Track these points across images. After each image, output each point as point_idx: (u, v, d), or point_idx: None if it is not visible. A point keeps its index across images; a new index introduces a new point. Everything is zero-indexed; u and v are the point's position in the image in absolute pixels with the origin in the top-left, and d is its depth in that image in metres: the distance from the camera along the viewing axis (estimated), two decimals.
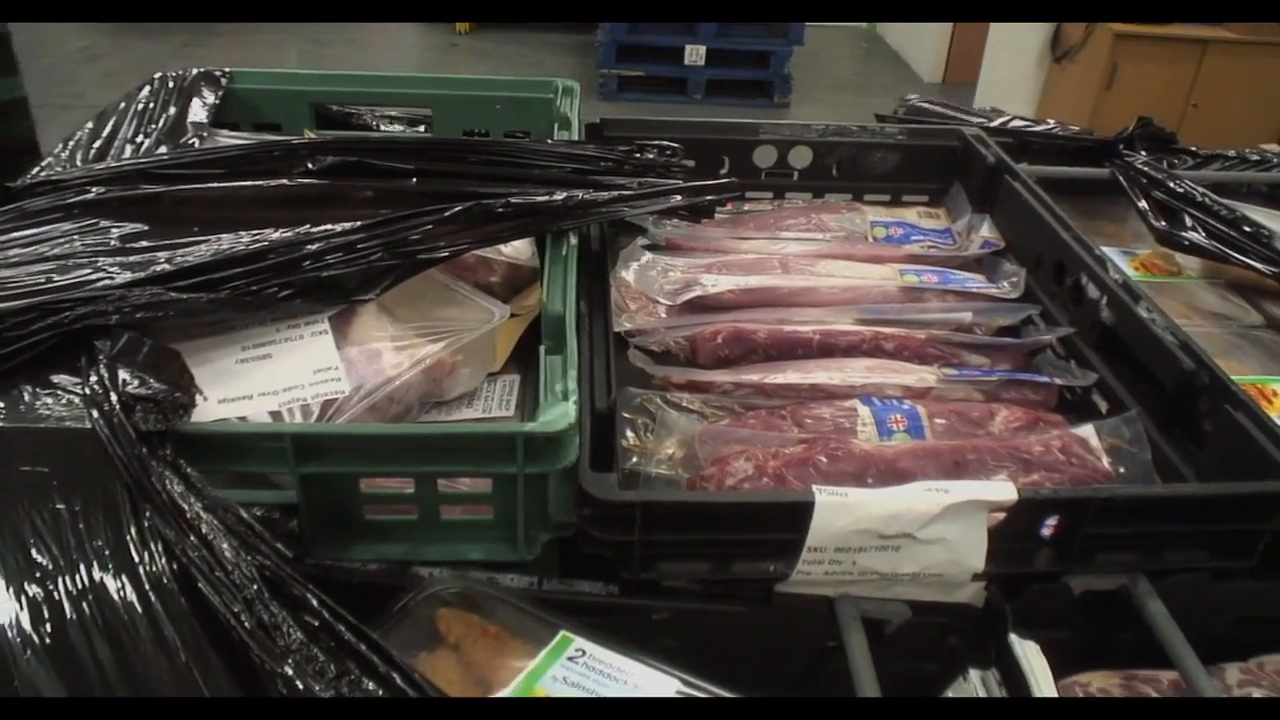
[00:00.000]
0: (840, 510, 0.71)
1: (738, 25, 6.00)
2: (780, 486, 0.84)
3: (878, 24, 7.63)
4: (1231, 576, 0.80)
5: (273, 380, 0.81)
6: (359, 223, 0.85)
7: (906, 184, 1.34)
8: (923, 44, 6.78)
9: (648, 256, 1.16)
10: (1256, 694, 0.80)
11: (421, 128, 1.36)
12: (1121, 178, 1.33)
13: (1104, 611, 0.79)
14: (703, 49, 5.94)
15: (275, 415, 0.79)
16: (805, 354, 1.04)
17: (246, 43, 6.55)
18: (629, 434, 0.94)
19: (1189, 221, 1.20)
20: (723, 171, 1.31)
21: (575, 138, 1.19)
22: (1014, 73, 5.54)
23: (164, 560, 0.62)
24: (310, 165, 0.95)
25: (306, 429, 0.75)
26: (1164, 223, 1.21)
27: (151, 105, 1.20)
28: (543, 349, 0.78)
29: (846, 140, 1.31)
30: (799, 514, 0.71)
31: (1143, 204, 1.27)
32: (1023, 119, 1.52)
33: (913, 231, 1.28)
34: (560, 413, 0.70)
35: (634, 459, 0.92)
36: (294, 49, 6.53)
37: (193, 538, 0.62)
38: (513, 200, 0.88)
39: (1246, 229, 1.15)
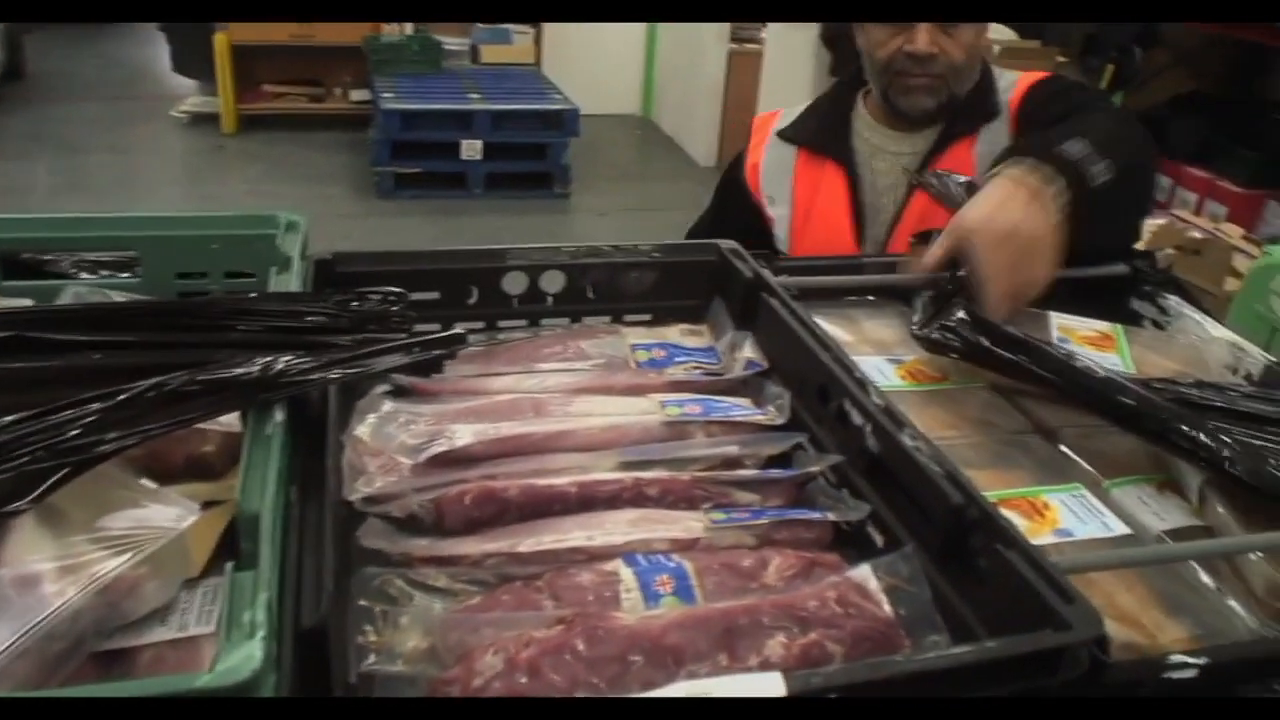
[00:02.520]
0: None
1: (515, 119, 6.01)
2: (535, 680, 0.74)
3: (652, 110, 7.81)
4: None
5: None
6: (9, 417, 0.72)
7: (667, 302, 1.29)
8: (695, 129, 6.96)
9: (388, 406, 1.04)
10: None
11: (127, 274, 1.21)
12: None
13: None
14: (479, 143, 5.91)
15: None
16: (563, 509, 0.95)
17: None
18: (367, 627, 0.82)
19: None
20: (471, 302, 1.22)
21: (297, 279, 1.08)
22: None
23: None
24: None
25: None
26: (929, 330, 1.19)
27: None
28: (229, 567, 0.66)
29: (600, 261, 1.25)
30: None
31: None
32: None
33: (676, 352, 1.21)
34: (244, 656, 0.58)
35: (372, 657, 0.80)
36: (44, 162, 6.13)
37: None
38: (200, 377, 0.76)
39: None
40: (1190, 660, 0.77)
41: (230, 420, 0.92)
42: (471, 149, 5.80)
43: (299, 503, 0.81)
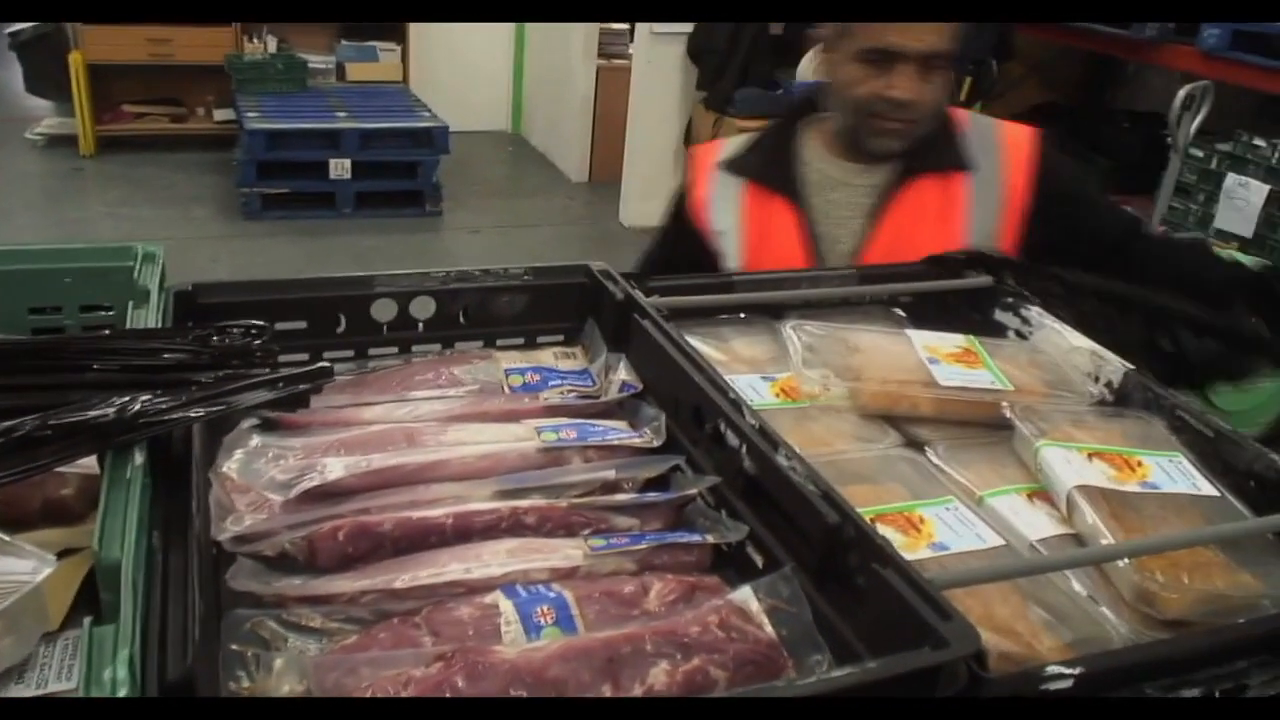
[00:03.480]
0: None
1: (383, 137, 5.92)
2: None
3: (522, 126, 7.79)
4: None
5: None
6: None
7: (539, 325, 1.28)
8: (567, 145, 6.97)
9: (256, 441, 1.01)
10: None
11: None
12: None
13: None
14: (348, 162, 5.81)
15: None
16: (439, 541, 0.93)
17: None
18: (239, 673, 0.79)
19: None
20: (339, 330, 1.19)
21: (156, 313, 1.03)
22: (654, 168, 5.79)
23: None
24: None
25: None
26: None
27: None
28: (88, 622, 0.63)
29: (470, 286, 1.23)
30: None
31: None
32: None
33: (550, 375, 1.21)
34: None
35: None
36: None
37: None
38: (53, 421, 0.72)
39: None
40: (1066, 670, 0.79)
41: (89, 462, 0.88)
42: (340, 168, 5.68)
43: (162, 548, 0.78)
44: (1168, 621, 0.92)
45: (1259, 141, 3.84)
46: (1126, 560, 0.94)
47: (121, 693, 0.57)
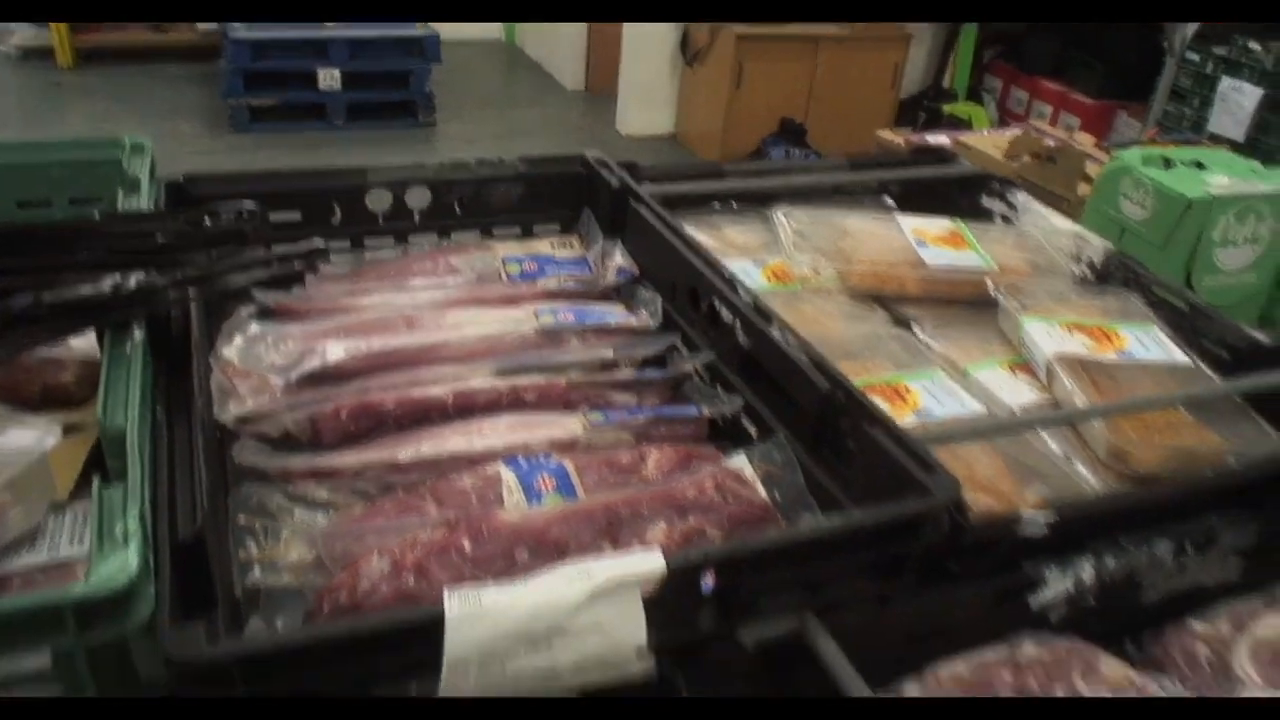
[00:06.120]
0: (476, 620, 0.63)
1: (373, 47, 5.83)
2: (423, 580, 0.75)
3: (516, 36, 7.67)
4: (894, 599, 0.79)
5: None
6: None
7: (535, 214, 1.28)
8: (562, 55, 6.87)
9: (255, 328, 1.02)
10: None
11: None
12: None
13: (781, 658, 0.76)
14: (337, 72, 5.71)
15: None
16: (440, 419, 0.95)
17: None
18: (249, 542, 0.82)
19: None
20: (335, 221, 1.20)
21: (147, 203, 1.04)
22: (651, 77, 5.71)
23: None
24: None
25: None
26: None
27: None
28: (96, 483, 0.65)
29: (465, 177, 1.23)
30: (428, 633, 0.62)
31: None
32: None
33: (547, 264, 1.22)
34: (118, 565, 0.57)
35: (255, 571, 0.80)
36: None
37: None
38: (47, 298, 0.73)
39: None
40: (1041, 518, 0.82)
41: (88, 348, 0.89)
42: (329, 78, 5.60)
43: (166, 423, 0.79)
44: (1140, 478, 0.95)
45: (1254, 45, 3.82)
46: (1101, 421, 0.97)
47: (134, 545, 0.59)
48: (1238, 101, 3.98)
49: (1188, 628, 0.92)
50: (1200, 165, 2.76)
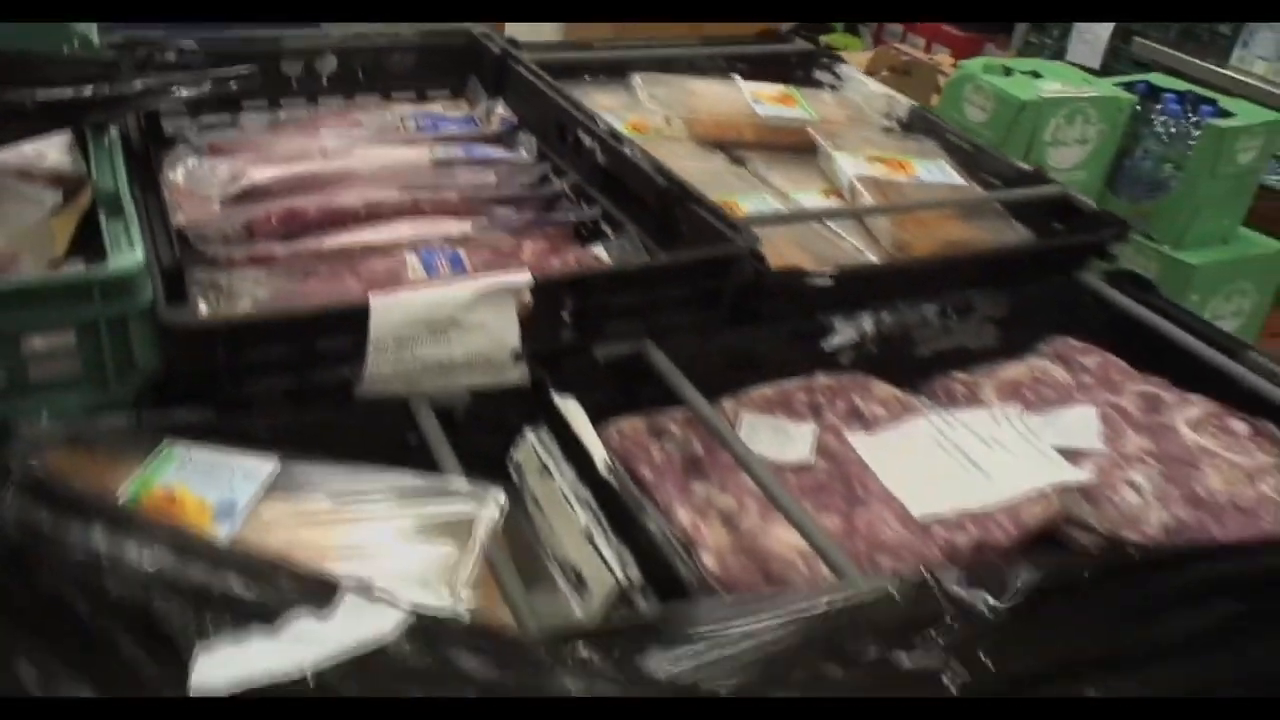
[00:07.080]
0: (394, 306, 0.85)
1: None
2: None
3: None
4: (715, 330, 1.03)
5: None
6: None
7: (429, 82, 1.49)
8: None
9: (193, 161, 1.22)
10: (747, 416, 1.04)
11: None
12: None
13: (626, 370, 0.99)
14: None
15: None
16: (355, 223, 1.17)
17: None
18: (202, 306, 1.02)
19: None
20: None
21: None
22: None
23: None
24: None
25: None
26: None
27: None
28: (102, 214, 0.85)
29: (367, 46, 1.44)
30: (360, 316, 0.84)
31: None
32: None
33: (440, 120, 1.43)
34: (129, 259, 0.78)
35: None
36: None
37: None
38: (39, 97, 0.92)
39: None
40: (827, 273, 1.07)
41: (56, 162, 1.07)
42: None
43: (142, 199, 1.00)
44: None
45: None
46: (887, 219, 1.23)
47: (137, 249, 0.79)
48: (1093, 31, 4.29)
49: (951, 375, 1.18)
50: (1037, 75, 3.06)
